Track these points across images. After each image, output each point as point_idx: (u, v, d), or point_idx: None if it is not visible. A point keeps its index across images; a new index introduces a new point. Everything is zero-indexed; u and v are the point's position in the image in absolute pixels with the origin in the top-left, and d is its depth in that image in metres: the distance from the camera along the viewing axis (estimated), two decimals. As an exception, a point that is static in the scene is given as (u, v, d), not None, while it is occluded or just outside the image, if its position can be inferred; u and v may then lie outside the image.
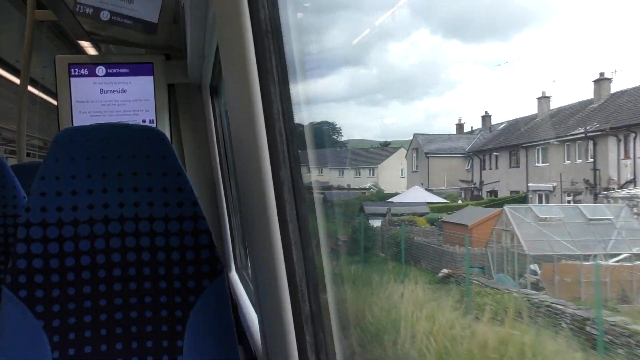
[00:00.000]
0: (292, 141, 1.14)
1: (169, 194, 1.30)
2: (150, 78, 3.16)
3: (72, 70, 3.11)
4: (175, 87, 3.33)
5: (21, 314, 1.23)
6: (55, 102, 3.19)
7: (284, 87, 1.14)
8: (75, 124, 3.07)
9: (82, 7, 2.70)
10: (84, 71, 3.12)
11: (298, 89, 1.22)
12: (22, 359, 1.22)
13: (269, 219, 1.09)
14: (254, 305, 2.48)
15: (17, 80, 5.96)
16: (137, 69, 3.16)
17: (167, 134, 3.01)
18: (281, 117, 1.13)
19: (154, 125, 3.15)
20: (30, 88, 4.10)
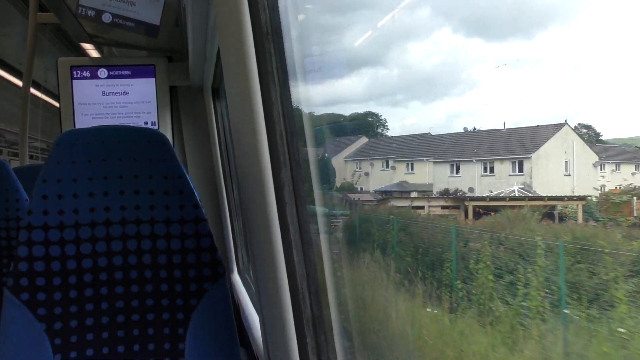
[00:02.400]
0: (292, 143, 1.14)
1: (170, 196, 1.30)
2: (152, 80, 3.17)
3: (74, 72, 3.12)
4: (177, 89, 3.33)
5: (23, 317, 1.23)
6: (57, 105, 3.20)
7: (284, 89, 1.15)
8: (77, 126, 3.07)
9: (84, 9, 2.71)
10: (86, 73, 3.13)
11: (328, 89, 1.20)
12: None
13: (269, 220, 1.09)
14: (255, 308, 2.48)
15: (19, 83, 5.98)
16: (139, 71, 3.16)
17: (169, 136, 3.01)
18: (282, 119, 1.13)
19: (155, 127, 3.16)
20: (32, 90, 4.11)
